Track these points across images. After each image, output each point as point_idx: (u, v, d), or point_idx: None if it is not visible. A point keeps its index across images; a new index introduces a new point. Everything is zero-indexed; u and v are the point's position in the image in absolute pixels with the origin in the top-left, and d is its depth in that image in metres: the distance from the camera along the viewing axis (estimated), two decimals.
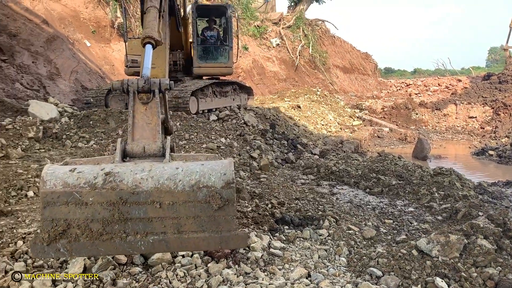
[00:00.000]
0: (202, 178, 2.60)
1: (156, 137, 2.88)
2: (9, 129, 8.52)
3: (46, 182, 2.48)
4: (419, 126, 21.61)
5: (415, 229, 4.77)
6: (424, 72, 54.54)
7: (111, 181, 2.52)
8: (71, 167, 2.56)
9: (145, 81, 2.92)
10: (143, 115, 2.95)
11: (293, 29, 29.48)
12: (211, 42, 11.84)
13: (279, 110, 15.36)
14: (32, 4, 14.76)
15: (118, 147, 2.74)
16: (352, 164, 8.37)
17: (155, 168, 2.60)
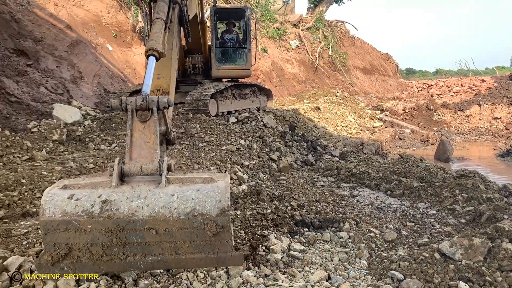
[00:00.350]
0: (197, 206, 2.64)
1: (153, 156, 2.88)
2: (34, 132, 8.74)
3: (45, 210, 2.56)
4: (441, 127, 21.23)
5: (437, 232, 4.69)
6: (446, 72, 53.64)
7: (107, 209, 2.59)
8: (69, 193, 2.62)
9: (143, 99, 2.94)
10: (141, 133, 2.97)
11: (313, 30, 29.38)
12: (230, 45, 11.90)
13: (299, 112, 15.32)
14: (56, 9, 15.11)
15: (116, 169, 2.75)
16: (373, 166, 8.29)
17: (150, 195, 2.64)
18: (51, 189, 2.70)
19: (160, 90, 4.02)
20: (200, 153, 7.63)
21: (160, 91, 4.00)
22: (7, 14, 12.95)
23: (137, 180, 2.80)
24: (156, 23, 4.13)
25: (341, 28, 33.26)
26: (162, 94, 3.91)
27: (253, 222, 4.57)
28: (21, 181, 5.46)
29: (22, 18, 13.38)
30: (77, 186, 2.73)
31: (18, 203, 4.92)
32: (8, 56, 12.15)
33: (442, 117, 22.18)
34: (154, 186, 2.74)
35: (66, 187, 2.72)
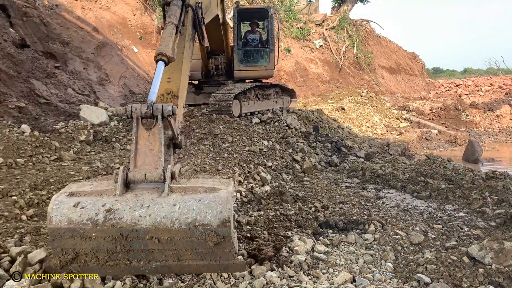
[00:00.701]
0: (198, 216, 2.70)
1: (157, 164, 2.93)
2: (62, 132, 8.94)
3: (52, 218, 2.68)
4: (470, 127, 20.72)
5: (466, 235, 4.57)
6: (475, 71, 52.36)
7: (111, 218, 2.68)
8: (75, 201, 2.73)
9: (148, 107, 2.97)
10: (146, 140, 3.00)
11: (337, 30, 29.12)
12: (252, 45, 11.90)
13: (323, 112, 15.21)
14: (83, 12, 15.46)
15: (120, 177, 2.81)
16: (399, 167, 8.14)
17: (153, 204, 2.72)
18: (58, 196, 2.79)
19: (170, 94, 4.01)
20: (224, 154, 7.66)
21: (170, 95, 4.00)
22: (37, 18, 13.31)
23: (141, 188, 2.87)
24: (167, 27, 4.16)
25: (366, 27, 32.86)
26: (172, 97, 3.93)
27: (277, 223, 4.55)
28: (50, 181, 5.59)
29: (50, 21, 13.73)
30: (83, 194, 2.80)
31: (47, 202, 5.04)
32: (38, 58, 12.48)
33: (471, 117, 21.64)
34: (157, 194, 2.80)
35: (72, 194, 2.80)
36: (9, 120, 8.79)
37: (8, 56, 11.31)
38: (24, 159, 6.88)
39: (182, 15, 4.39)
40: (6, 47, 11.50)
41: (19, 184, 5.39)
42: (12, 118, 9.32)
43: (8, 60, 11.23)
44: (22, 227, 4.01)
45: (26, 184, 5.33)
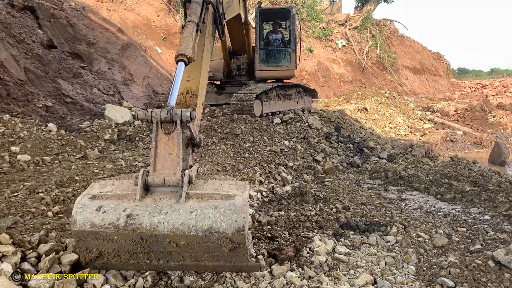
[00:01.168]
0: (214, 224, 2.82)
1: (176, 169, 3.02)
2: (87, 131, 9.12)
3: (76, 222, 2.85)
4: (496, 129, 20.22)
5: (491, 239, 4.46)
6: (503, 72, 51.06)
7: (131, 223, 2.83)
8: (98, 205, 2.89)
9: (168, 112, 3.04)
10: (165, 145, 3.08)
11: (360, 30, 28.85)
12: (274, 45, 11.90)
13: (345, 112, 15.09)
14: (108, 14, 15.74)
15: (140, 181, 2.93)
16: (423, 169, 8.02)
17: (171, 211, 2.85)
18: (81, 199, 2.94)
19: (189, 93, 4.08)
20: (245, 154, 7.68)
21: (189, 94, 4.06)
22: (64, 19, 13.63)
23: (160, 191, 2.99)
24: (188, 26, 4.17)
25: (389, 27, 32.46)
26: (191, 96, 4.01)
27: (297, 223, 4.54)
28: (75, 178, 5.71)
29: (77, 22, 14.03)
30: (105, 197, 2.95)
31: (72, 199, 5.15)
32: (64, 59, 12.78)
33: (498, 119, 21.12)
34: (175, 200, 2.92)
35: (95, 197, 2.94)
36: (36, 119, 9.03)
37: (36, 57, 11.61)
38: (50, 157, 7.06)
39: (203, 12, 4.40)
40: (34, 48, 11.81)
41: (46, 181, 5.53)
42: (40, 117, 9.56)
43: (36, 60, 11.53)
44: (48, 223, 4.11)
45: (52, 181, 5.47)
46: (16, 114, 9.07)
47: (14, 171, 6.26)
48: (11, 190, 5.14)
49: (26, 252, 3.18)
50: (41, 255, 3.17)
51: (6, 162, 6.40)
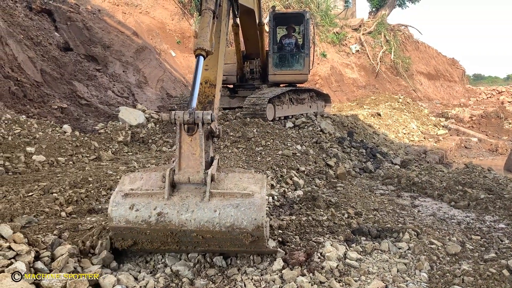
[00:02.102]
0: (235, 222, 3.17)
1: (199, 168, 3.31)
2: (101, 133, 9.22)
3: (112, 219, 3.23)
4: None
5: (506, 248, 4.39)
6: None
7: (162, 221, 3.19)
8: (130, 203, 3.24)
9: (190, 115, 3.27)
10: (188, 145, 3.35)
11: (374, 34, 28.72)
12: (288, 50, 11.90)
13: (358, 117, 15.01)
14: (124, 17, 15.92)
15: (167, 180, 3.25)
16: (436, 176, 7.93)
17: (197, 209, 3.20)
18: (115, 197, 3.27)
19: (208, 83, 4.23)
20: (257, 157, 7.68)
21: (208, 84, 4.22)
22: (80, 22, 13.82)
23: (186, 189, 3.32)
24: (205, 15, 4.21)
25: (404, 32, 32.25)
26: (210, 87, 4.19)
27: (308, 228, 4.52)
28: (88, 179, 5.77)
29: (93, 25, 14.22)
30: (136, 195, 3.28)
31: (85, 200, 5.21)
32: (80, 61, 12.95)
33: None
34: (199, 198, 3.25)
35: (127, 195, 3.28)
36: (52, 120, 9.16)
37: (52, 59, 11.79)
38: (65, 158, 7.15)
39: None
40: (51, 50, 11.99)
41: (60, 182, 5.60)
42: (55, 118, 9.70)
43: (52, 62, 11.71)
44: (61, 223, 4.16)
45: (66, 182, 5.53)
46: (32, 115, 9.22)
47: (29, 171, 6.36)
48: (26, 190, 5.22)
49: (40, 251, 3.22)
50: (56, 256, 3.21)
51: (21, 162, 6.50)
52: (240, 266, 3.56)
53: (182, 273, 3.40)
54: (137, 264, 3.56)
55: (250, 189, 3.31)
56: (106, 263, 3.40)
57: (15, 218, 4.17)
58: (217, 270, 3.49)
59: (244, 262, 3.62)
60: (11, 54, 10.16)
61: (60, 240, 3.56)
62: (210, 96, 4.15)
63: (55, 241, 3.43)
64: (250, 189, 3.31)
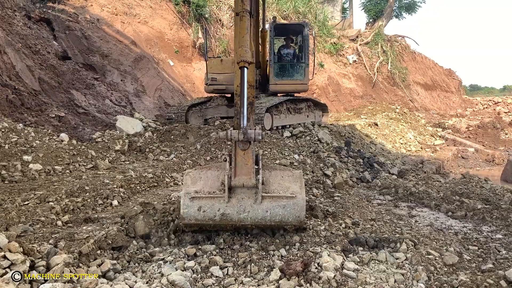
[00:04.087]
0: (283, 218, 4.09)
1: (251, 175, 4.08)
2: (98, 142, 9.21)
3: (184, 218, 4.05)
4: (509, 147, 19.98)
5: (503, 258, 4.38)
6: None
7: (224, 219, 4.04)
8: (198, 205, 4.04)
9: (244, 135, 3.93)
10: (242, 157, 4.08)
11: (371, 45, 28.92)
12: (288, 60, 11.96)
13: (355, 127, 15.05)
14: (122, 26, 15.99)
15: (226, 186, 3.99)
16: (433, 186, 7.93)
17: (252, 210, 4.04)
18: (184, 200, 4.04)
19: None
20: None
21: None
22: (79, 31, 13.87)
23: (241, 192, 4.09)
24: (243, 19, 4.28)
25: (401, 43, 32.48)
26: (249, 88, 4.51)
27: (306, 238, 4.51)
28: (85, 188, 5.75)
29: (91, 34, 14.27)
30: (201, 198, 4.05)
31: (82, 209, 5.19)
32: (78, 70, 12.97)
33: (510, 136, 20.88)
34: (253, 200, 4.05)
35: (194, 198, 4.05)
36: (49, 129, 9.14)
37: (50, 68, 11.81)
38: (61, 167, 7.13)
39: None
40: (49, 59, 12.02)
41: (56, 190, 5.58)
42: (52, 126, 9.69)
43: (50, 71, 11.72)
44: (57, 232, 4.14)
45: (63, 191, 5.51)
46: (29, 124, 9.20)
47: (25, 180, 6.33)
48: (22, 199, 5.19)
49: (36, 261, 3.19)
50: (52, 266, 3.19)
51: (18, 171, 6.47)
52: (237, 276, 3.54)
53: (179, 283, 3.37)
54: (134, 274, 3.54)
55: (292, 189, 4.15)
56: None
57: (11, 227, 4.14)
58: (214, 280, 3.47)
59: (240, 273, 3.61)
60: (9, 62, 10.17)
61: (56, 249, 3.53)
62: (250, 98, 4.59)
63: (51, 250, 3.40)
64: (292, 189, 4.15)
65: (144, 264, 3.66)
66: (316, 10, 27.14)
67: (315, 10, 27.01)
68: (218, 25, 20.13)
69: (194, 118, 11.73)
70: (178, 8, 18.52)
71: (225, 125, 10.48)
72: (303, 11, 25.50)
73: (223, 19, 20.35)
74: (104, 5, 16.00)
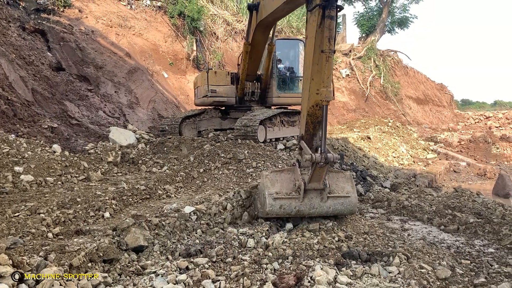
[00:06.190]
0: (341, 212, 5.72)
1: (321, 182, 5.42)
2: (91, 153, 9.16)
3: (268, 213, 5.45)
4: (500, 161, 20.16)
5: (496, 272, 4.39)
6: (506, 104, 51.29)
7: (298, 213, 5.51)
8: (279, 204, 5.40)
9: (326, 159, 5.01)
10: (318, 171, 5.22)
11: (364, 59, 29.21)
12: (289, 74, 12.07)
13: (348, 140, 15.11)
14: (117, 38, 16.03)
15: (302, 189, 5.31)
16: (426, 199, 7.96)
17: (319, 207, 5.51)
18: (268, 200, 5.34)
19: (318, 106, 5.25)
20: (247, 179, 7.67)
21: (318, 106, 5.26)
22: (73, 43, 13.88)
23: (312, 192, 5.44)
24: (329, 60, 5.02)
25: (393, 58, 32.85)
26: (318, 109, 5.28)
27: (299, 251, 4.49)
28: (77, 200, 5.70)
29: (86, 46, 14.29)
30: (281, 198, 5.38)
31: (73, 221, 5.13)
32: (72, 81, 12.95)
33: (501, 150, 21.07)
34: (319, 199, 5.47)
35: (276, 199, 5.36)
36: (41, 140, 9.08)
37: (44, 79, 11.78)
38: (53, 178, 7.07)
39: None
40: (43, 70, 12.00)
41: (48, 202, 5.52)
42: (45, 137, 9.63)
43: (44, 82, 11.69)
44: (47, 244, 4.09)
45: (54, 203, 5.45)
46: (21, 135, 9.14)
47: (16, 191, 6.26)
48: (13, 210, 5.13)
49: (25, 273, 3.15)
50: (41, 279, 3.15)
51: (9, 182, 6.41)
52: None
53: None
54: (125, 287, 3.50)
55: (346, 189, 5.62)
56: None
57: (0, 239, 4.09)
58: None
59: (233, 286, 3.58)
60: (3, 73, 10.14)
61: (46, 262, 3.49)
62: (319, 117, 5.36)
63: (41, 263, 3.36)
64: (347, 189, 5.63)
65: (135, 277, 3.62)
66: None
67: None
68: (213, 38, 20.26)
69: (188, 130, 11.72)
70: (173, 21, 18.64)
71: (219, 137, 10.47)
72: (297, 25, 25.75)
73: (218, 32, 20.49)
74: (99, 17, 16.06)
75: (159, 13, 18.89)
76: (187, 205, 5.62)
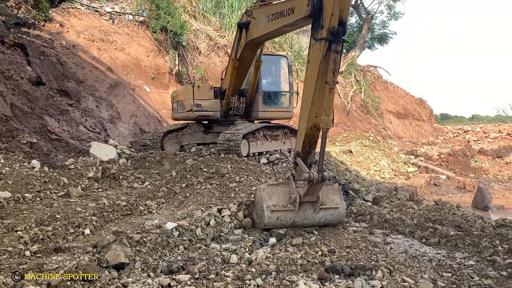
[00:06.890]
0: (331, 222, 6.29)
1: (315, 196, 5.91)
2: (71, 169, 9.02)
3: (266, 223, 5.84)
4: (478, 174, 20.54)
5: (476, 285, 4.44)
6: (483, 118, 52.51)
7: (293, 224, 6.00)
8: (276, 216, 5.83)
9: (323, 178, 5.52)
10: (314, 186, 5.70)
11: (345, 75, 29.64)
12: (273, 89, 12.21)
13: (330, 154, 15.23)
14: (99, 53, 15.94)
15: (297, 202, 5.81)
16: (407, 212, 8.03)
17: (311, 218, 6.05)
18: (266, 212, 5.73)
19: (315, 127, 5.68)
20: (230, 194, 7.64)
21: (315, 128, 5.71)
22: (54, 57, 13.74)
23: (306, 205, 5.93)
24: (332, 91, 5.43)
25: (373, 73, 33.41)
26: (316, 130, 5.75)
27: (282, 266, 4.47)
28: (56, 216, 5.59)
29: (67, 60, 14.16)
30: (278, 211, 5.82)
31: (52, 238, 5.02)
32: (52, 96, 12.79)
33: (480, 164, 21.49)
34: (312, 211, 5.99)
35: (273, 211, 5.78)
36: (20, 155, 8.91)
37: (23, 93, 11.61)
38: (32, 194, 6.92)
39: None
40: (22, 84, 11.82)
41: (25, 219, 5.40)
42: (23, 153, 9.44)
43: (23, 96, 11.51)
44: (25, 263, 3.98)
45: (32, 220, 5.34)
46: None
47: None
48: None
49: None
50: None
51: None
52: None
53: None
54: None
55: (336, 201, 6.27)
56: None
57: None
58: None
59: None
60: None
61: (23, 281, 3.39)
62: (316, 137, 5.85)
63: (18, 282, 3.27)
64: (336, 201, 6.27)
65: None
66: (292, 40, 27.75)
67: (291, 40, 27.61)
68: (196, 53, 20.30)
69: (170, 144, 11.64)
70: (155, 36, 18.64)
71: (201, 151, 10.44)
72: (279, 41, 26.03)
73: (201, 47, 20.56)
74: (81, 31, 15.96)
75: (142, 27, 18.87)
76: (169, 221, 5.56)
